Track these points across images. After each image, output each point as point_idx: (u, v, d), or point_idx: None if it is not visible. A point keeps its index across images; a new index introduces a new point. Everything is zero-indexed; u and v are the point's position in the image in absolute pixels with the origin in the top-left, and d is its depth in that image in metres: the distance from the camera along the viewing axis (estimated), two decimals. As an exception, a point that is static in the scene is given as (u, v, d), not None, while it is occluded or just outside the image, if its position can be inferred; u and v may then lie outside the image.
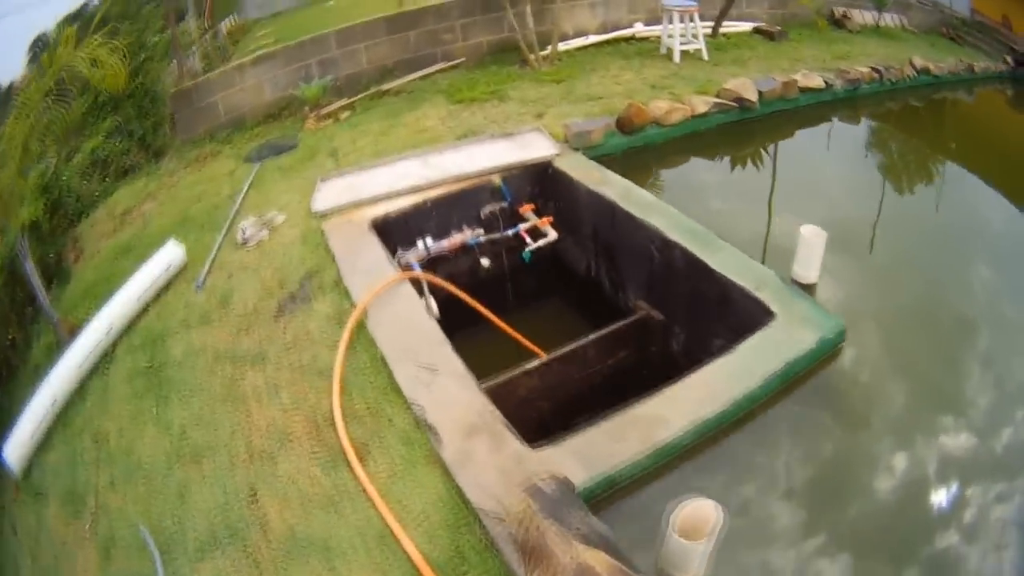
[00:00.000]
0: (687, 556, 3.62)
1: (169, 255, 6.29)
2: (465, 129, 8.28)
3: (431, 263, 6.70)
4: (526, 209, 7.12)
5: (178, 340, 5.60)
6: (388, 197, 6.63)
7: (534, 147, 7.34)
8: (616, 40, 11.15)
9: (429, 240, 6.61)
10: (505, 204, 7.05)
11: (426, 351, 4.83)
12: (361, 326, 5.15)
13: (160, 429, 4.80)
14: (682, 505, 3.62)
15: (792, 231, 5.41)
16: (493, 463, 3.96)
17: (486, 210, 7.00)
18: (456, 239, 6.81)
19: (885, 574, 3.54)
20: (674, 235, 5.77)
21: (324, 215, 6.54)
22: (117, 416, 5.10)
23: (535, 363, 5.67)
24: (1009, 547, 3.69)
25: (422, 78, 10.15)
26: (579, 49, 10.78)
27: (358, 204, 6.57)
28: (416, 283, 5.76)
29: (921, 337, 5.18)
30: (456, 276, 6.79)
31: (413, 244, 6.61)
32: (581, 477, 3.87)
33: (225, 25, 12.62)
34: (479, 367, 4.73)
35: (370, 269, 5.75)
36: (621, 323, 6.05)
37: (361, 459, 4.20)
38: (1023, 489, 3.92)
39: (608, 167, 7.07)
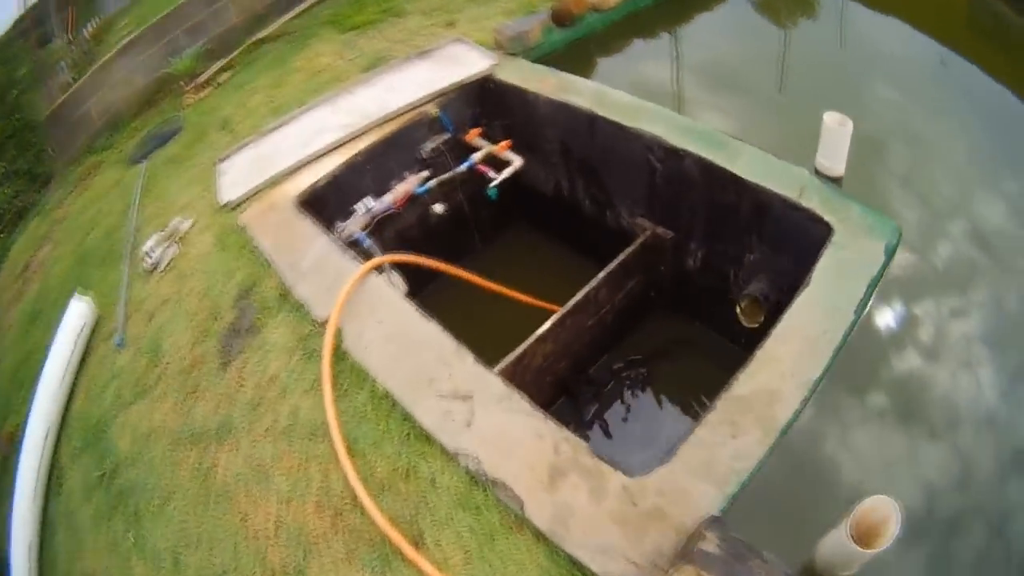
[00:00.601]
0: (857, 561, 3.07)
1: (76, 316, 5.04)
2: (370, 59, 6.91)
3: (378, 226, 5.58)
4: (473, 135, 6.02)
5: (120, 427, 4.41)
6: (308, 162, 5.38)
7: (463, 62, 6.11)
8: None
9: (370, 201, 5.49)
10: (448, 135, 5.94)
11: (443, 370, 3.82)
12: (339, 351, 4.04)
13: (148, 563, 3.71)
14: (859, 506, 3.01)
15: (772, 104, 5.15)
16: (603, 512, 3.15)
17: (427, 148, 5.86)
18: (400, 190, 5.69)
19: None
20: (680, 141, 4.91)
21: (237, 206, 5.18)
22: (94, 552, 3.99)
23: (547, 325, 4.87)
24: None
25: (300, 15, 8.73)
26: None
27: (274, 181, 5.27)
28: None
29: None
30: (406, 231, 5.92)
31: (352, 211, 5.43)
32: (715, 499, 3.11)
33: (88, 29, 11.37)
34: (485, 343, 4.19)
35: (319, 265, 4.58)
36: (628, 251, 5.29)
37: (417, 545, 3.25)
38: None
39: (556, 68, 6.06)
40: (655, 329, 6.06)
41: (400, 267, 5.04)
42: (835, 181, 4.55)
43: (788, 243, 4.50)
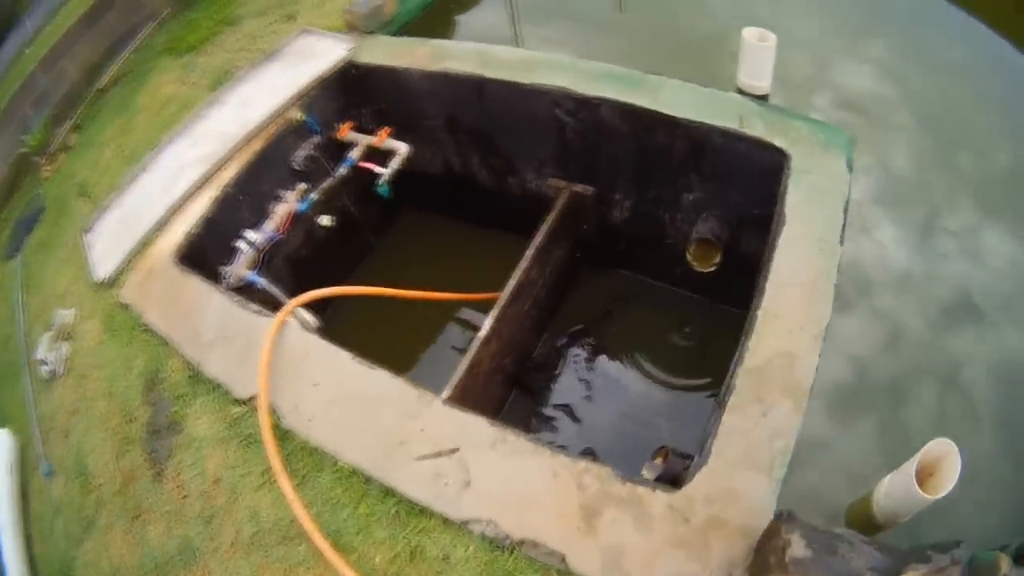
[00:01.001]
0: (919, 507, 3.00)
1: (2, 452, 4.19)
2: (214, 75, 6.05)
3: (268, 259, 4.91)
4: (345, 131, 5.41)
5: (83, 569, 3.66)
6: (176, 209, 4.59)
7: (317, 53, 5.42)
8: None
9: (251, 234, 4.73)
10: (317, 138, 5.25)
11: (411, 425, 3.28)
12: (280, 432, 3.42)
13: None
14: (922, 451, 2.94)
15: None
16: (657, 540, 2.77)
17: (299, 158, 5.18)
18: (280, 213, 4.99)
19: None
20: (590, 89, 4.49)
21: (115, 281, 4.39)
22: None
23: (488, 324, 4.45)
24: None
25: (135, 51, 7.80)
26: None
27: (146, 242, 4.46)
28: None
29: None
30: (295, 253, 5.35)
31: (235, 250, 4.70)
32: (767, 487, 2.82)
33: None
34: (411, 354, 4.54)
35: (223, 330, 3.87)
36: (550, 219, 4.89)
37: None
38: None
39: (422, 36, 5.50)
40: (588, 292, 5.77)
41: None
42: (762, 100, 4.29)
43: (734, 176, 4.25)
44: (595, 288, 5.77)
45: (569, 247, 5.45)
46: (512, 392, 5.27)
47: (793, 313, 3.24)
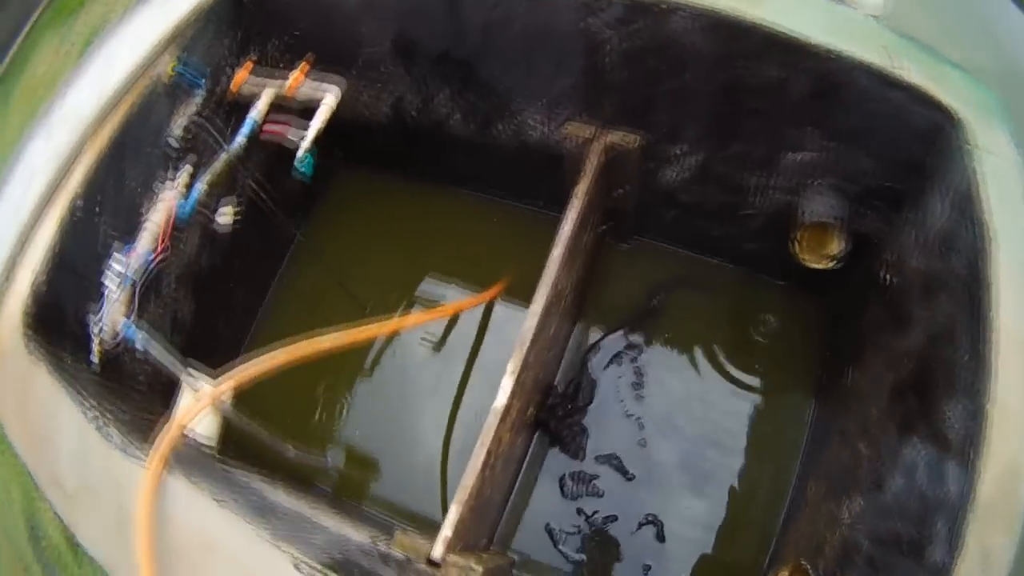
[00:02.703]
0: None
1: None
2: (86, 37, 5.07)
3: (151, 287, 4.10)
4: (240, 80, 4.26)
5: None
6: (23, 243, 3.62)
7: None
8: None
9: (120, 259, 3.79)
10: (200, 96, 4.11)
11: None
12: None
13: None
14: None
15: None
16: None
17: (176, 130, 4.04)
18: (156, 219, 3.97)
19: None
20: None
21: None
22: None
23: (509, 385, 3.56)
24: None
25: (25, 37, 6.29)
26: None
27: None
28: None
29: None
30: (193, 271, 4.54)
31: (100, 288, 3.78)
32: None
33: None
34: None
35: (84, 478, 3.04)
36: (584, 187, 4.03)
37: None
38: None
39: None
40: (621, 280, 5.05)
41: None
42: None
43: (873, 135, 3.44)
44: (629, 273, 5.03)
45: (599, 223, 4.62)
46: (533, 439, 4.62)
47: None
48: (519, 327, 4.79)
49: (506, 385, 3.51)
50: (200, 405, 3.20)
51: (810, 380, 4.37)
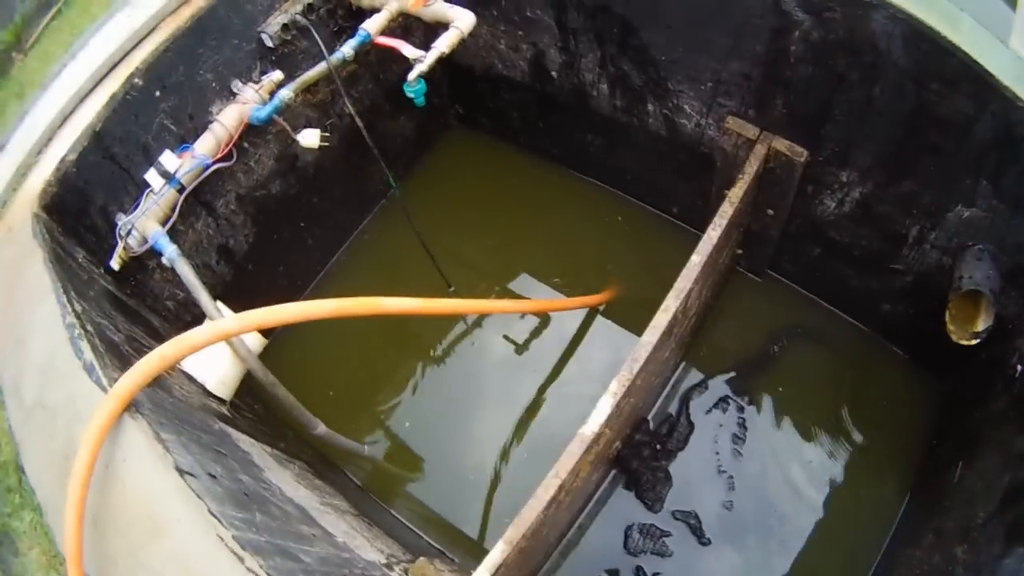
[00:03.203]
0: None
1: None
2: None
3: (202, 199, 3.64)
4: None
5: None
6: (66, 116, 3.17)
7: None
8: None
9: (170, 158, 3.29)
10: None
11: None
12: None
13: None
14: None
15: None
16: None
17: (274, 25, 3.55)
18: (226, 120, 3.45)
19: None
20: None
21: None
22: None
23: (602, 415, 2.90)
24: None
25: None
26: None
27: (26, 165, 3.08)
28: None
29: None
30: (262, 187, 4.00)
31: (141, 186, 3.31)
32: None
33: None
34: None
35: (43, 392, 2.52)
36: (740, 191, 3.51)
37: None
38: None
39: None
40: (744, 316, 4.52)
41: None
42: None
43: None
44: (752, 311, 4.50)
45: (738, 242, 4.09)
46: (608, 475, 4.03)
47: None
48: (618, 344, 4.29)
49: (603, 407, 2.90)
50: (207, 336, 2.47)
51: (911, 472, 3.96)
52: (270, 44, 3.54)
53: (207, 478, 2.27)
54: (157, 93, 3.25)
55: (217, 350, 3.02)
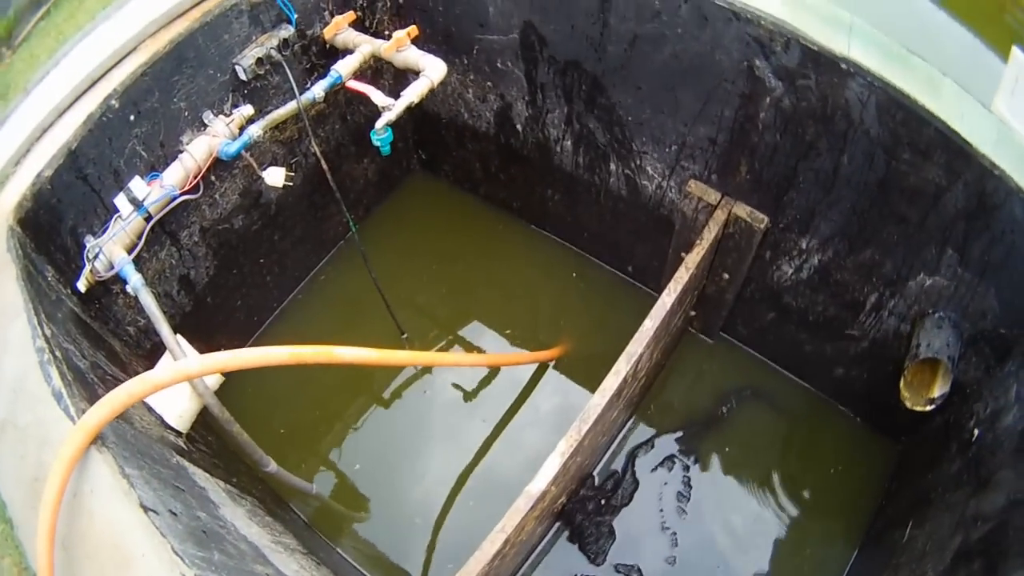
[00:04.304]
0: None
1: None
2: None
3: (167, 229, 3.59)
4: (338, 27, 3.81)
5: None
6: (42, 132, 3.12)
7: None
8: None
9: (139, 185, 3.22)
10: (289, 31, 3.62)
11: None
12: None
13: None
14: None
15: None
16: None
17: (249, 59, 3.52)
18: (195, 151, 3.38)
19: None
20: (834, 40, 2.93)
21: None
22: None
23: (548, 474, 2.93)
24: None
25: None
26: None
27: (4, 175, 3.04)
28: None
29: None
30: (225, 221, 3.93)
31: (109, 209, 3.26)
32: None
33: None
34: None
35: (12, 411, 2.41)
36: (696, 257, 3.54)
37: None
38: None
39: None
40: (693, 377, 4.53)
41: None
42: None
43: (1012, 272, 3.03)
44: (702, 372, 4.54)
45: (690, 305, 4.10)
46: (552, 528, 3.97)
47: None
48: (567, 392, 4.33)
49: (551, 466, 2.92)
50: (172, 375, 2.42)
51: (859, 530, 3.95)
52: (243, 77, 3.49)
53: (168, 515, 2.20)
54: (132, 117, 3.17)
55: (177, 385, 2.96)
